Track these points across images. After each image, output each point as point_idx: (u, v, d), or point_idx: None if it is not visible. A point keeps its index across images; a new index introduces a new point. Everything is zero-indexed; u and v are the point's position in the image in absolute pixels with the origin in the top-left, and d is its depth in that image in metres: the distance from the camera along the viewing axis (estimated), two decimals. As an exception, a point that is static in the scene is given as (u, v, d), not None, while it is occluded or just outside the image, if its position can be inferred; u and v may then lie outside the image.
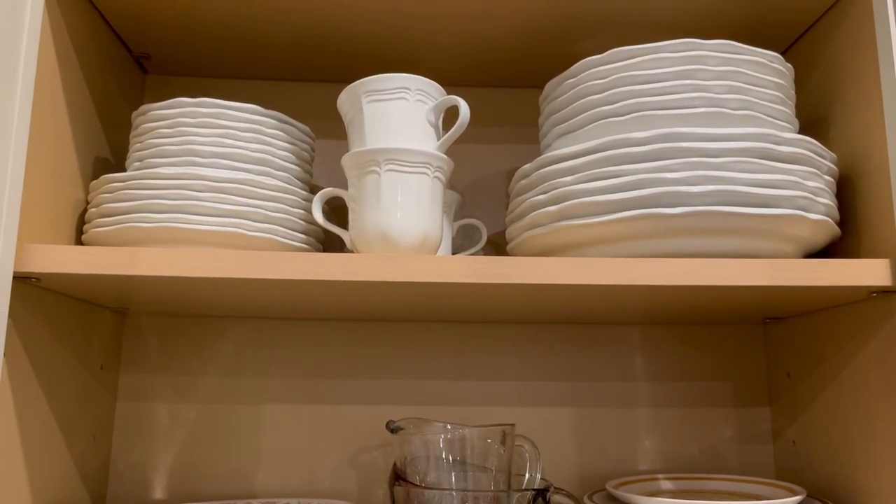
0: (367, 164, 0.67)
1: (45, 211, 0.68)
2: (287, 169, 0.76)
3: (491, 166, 0.98)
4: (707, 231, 0.63)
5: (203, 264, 0.60)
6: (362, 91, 0.69)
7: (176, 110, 0.73)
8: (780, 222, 0.63)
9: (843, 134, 0.75)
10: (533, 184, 0.71)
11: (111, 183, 0.71)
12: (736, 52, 0.67)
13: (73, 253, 0.61)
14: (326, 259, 0.61)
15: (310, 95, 0.98)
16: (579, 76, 0.71)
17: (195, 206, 0.68)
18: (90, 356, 0.81)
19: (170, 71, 0.96)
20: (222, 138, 0.72)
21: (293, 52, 0.90)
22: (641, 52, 0.68)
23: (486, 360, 0.93)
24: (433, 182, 0.68)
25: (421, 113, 0.69)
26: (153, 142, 0.73)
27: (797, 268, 0.62)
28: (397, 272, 0.61)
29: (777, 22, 0.82)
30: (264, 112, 0.75)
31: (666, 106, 0.66)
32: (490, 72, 0.95)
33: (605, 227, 0.64)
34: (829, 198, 0.67)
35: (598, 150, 0.66)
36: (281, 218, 0.72)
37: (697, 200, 0.62)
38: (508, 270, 0.61)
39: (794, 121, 0.71)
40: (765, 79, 0.68)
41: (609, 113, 0.68)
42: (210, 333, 0.92)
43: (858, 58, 0.73)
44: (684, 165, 0.63)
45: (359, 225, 0.67)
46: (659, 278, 0.61)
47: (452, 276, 0.61)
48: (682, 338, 0.94)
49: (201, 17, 0.81)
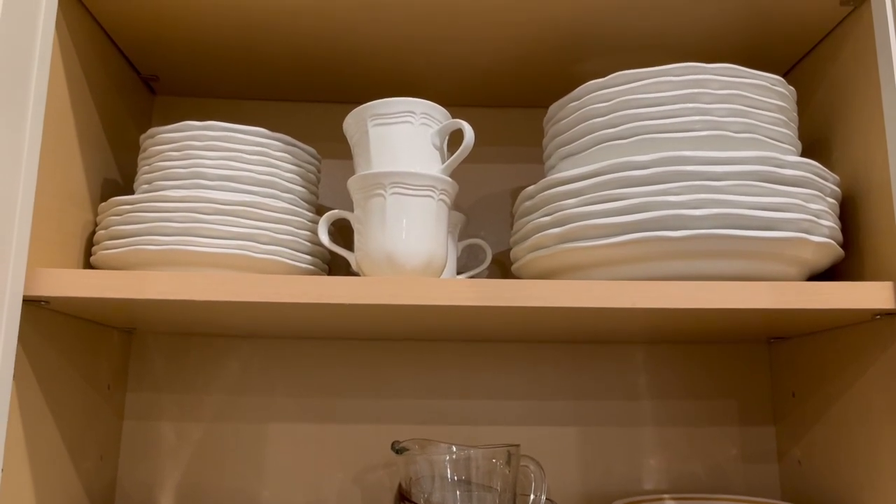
0: (373, 187, 0.67)
1: (54, 233, 0.69)
2: (293, 191, 0.77)
3: (495, 185, 0.98)
4: (710, 254, 0.63)
5: (211, 288, 0.61)
6: (368, 115, 0.70)
7: (183, 133, 0.74)
8: (783, 245, 0.63)
9: (846, 155, 0.76)
10: (537, 205, 0.72)
11: (120, 205, 0.72)
12: (738, 75, 0.68)
13: (82, 276, 0.61)
14: (333, 282, 0.62)
15: (315, 116, 0.99)
16: (582, 99, 0.72)
17: (203, 228, 0.69)
18: (97, 376, 0.81)
19: (177, 92, 0.97)
20: (229, 161, 0.73)
21: (299, 74, 0.91)
22: (644, 75, 0.69)
23: (491, 378, 0.93)
24: (438, 205, 0.68)
25: (426, 136, 0.70)
26: (161, 164, 0.74)
27: (800, 291, 0.62)
28: (403, 295, 0.61)
29: (779, 43, 0.83)
30: (271, 135, 0.76)
31: (668, 129, 0.67)
32: (494, 92, 0.96)
33: (608, 250, 0.65)
34: (832, 220, 0.67)
35: (601, 174, 0.66)
36: (287, 240, 0.72)
37: (700, 224, 0.62)
38: (512, 293, 0.62)
39: (797, 143, 0.71)
40: (767, 102, 0.69)
41: (612, 136, 0.69)
42: (216, 352, 0.92)
43: (860, 80, 0.73)
44: (687, 189, 0.63)
45: (364, 247, 0.68)
46: (661, 301, 0.62)
47: (457, 299, 0.61)
48: (686, 356, 0.94)
49: (209, 39, 0.82)
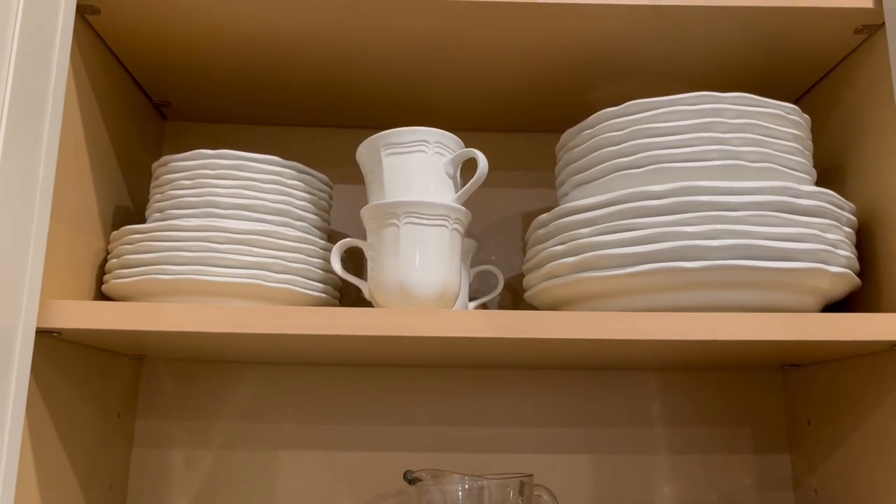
0: (387, 216, 0.67)
1: (67, 261, 0.69)
2: (306, 219, 0.77)
3: (506, 210, 0.98)
4: (726, 285, 0.63)
5: (224, 320, 0.61)
6: (381, 144, 0.70)
7: (196, 162, 0.74)
8: (800, 276, 0.63)
9: (862, 183, 0.75)
10: (550, 234, 0.71)
11: (132, 234, 0.71)
12: (753, 104, 0.68)
13: (94, 308, 0.61)
14: (346, 314, 0.61)
15: (327, 141, 0.99)
16: (596, 127, 0.72)
17: (215, 257, 0.68)
18: (107, 404, 0.81)
19: (189, 117, 0.97)
20: (242, 189, 0.73)
21: (310, 99, 0.91)
22: (658, 104, 0.68)
23: (504, 405, 0.92)
24: (452, 234, 0.68)
25: (439, 165, 0.69)
26: (173, 193, 0.74)
27: (816, 322, 0.62)
28: (416, 327, 0.61)
29: (792, 70, 0.83)
30: (284, 163, 0.76)
31: (683, 158, 0.66)
32: (506, 117, 0.96)
33: (624, 280, 0.64)
34: (849, 249, 0.67)
35: (616, 203, 0.66)
36: (300, 268, 0.72)
37: (716, 255, 0.62)
38: (526, 325, 0.61)
39: (812, 171, 0.71)
40: (782, 130, 0.68)
41: (626, 165, 0.69)
42: (226, 378, 0.92)
43: (875, 107, 0.73)
44: (703, 219, 0.63)
45: (377, 277, 0.67)
46: (677, 333, 0.61)
47: (471, 330, 0.61)
48: (700, 383, 0.93)
49: (220, 65, 0.83)
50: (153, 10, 0.71)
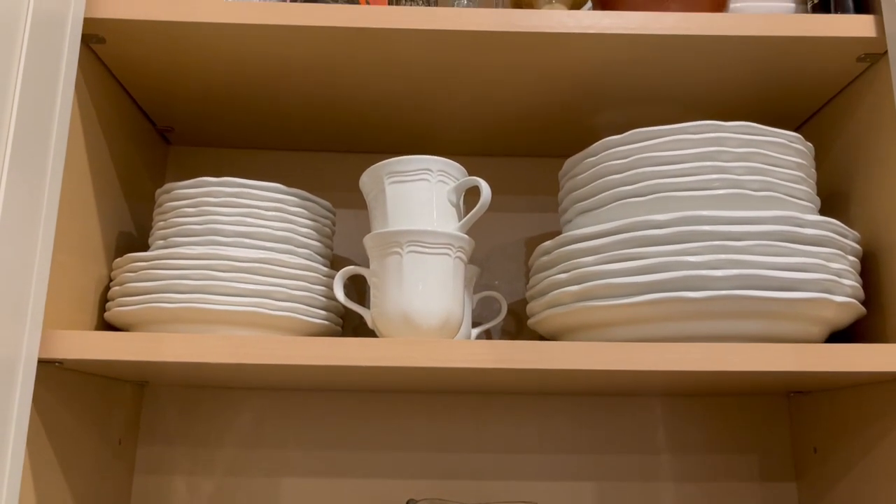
0: (390, 245, 0.67)
1: (69, 289, 0.69)
2: (309, 246, 0.77)
3: (510, 235, 0.98)
4: (731, 314, 0.63)
5: (226, 350, 0.61)
6: (385, 172, 0.70)
7: (199, 189, 0.74)
8: (805, 306, 0.62)
9: (865, 211, 0.75)
10: (554, 261, 0.71)
11: (135, 262, 0.71)
12: (756, 133, 0.68)
13: (96, 339, 0.61)
14: (349, 344, 0.61)
15: (330, 166, 0.99)
16: (599, 155, 0.72)
17: (218, 286, 0.68)
18: (109, 431, 0.81)
19: (193, 142, 0.98)
20: (245, 217, 0.73)
21: (313, 125, 0.92)
22: (661, 133, 0.68)
23: (507, 432, 0.92)
24: (455, 262, 0.68)
25: (442, 193, 0.69)
26: (177, 220, 0.74)
27: (822, 353, 0.61)
28: (420, 357, 0.61)
29: (794, 96, 0.83)
30: (286, 190, 0.76)
31: (687, 187, 0.66)
32: (509, 142, 0.96)
33: (628, 310, 0.64)
34: (854, 278, 0.66)
35: (620, 232, 0.66)
36: (302, 296, 0.72)
37: (720, 284, 0.62)
38: (530, 356, 0.61)
39: (816, 199, 0.71)
40: (786, 159, 0.68)
41: (630, 193, 0.68)
42: (228, 404, 0.91)
43: (878, 135, 0.73)
44: (706, 249, 0.62)
45: (380, 305, 0.67)
46: (681, 364, 0.61)
47: (475, 361, 0.61)
48: (704, 409, 0.92)
49: (223, 92, 0.83)
50: (157, 39, 0.71)
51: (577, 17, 0.69)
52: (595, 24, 0.69)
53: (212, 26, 0.69)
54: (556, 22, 0.69)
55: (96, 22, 0.68)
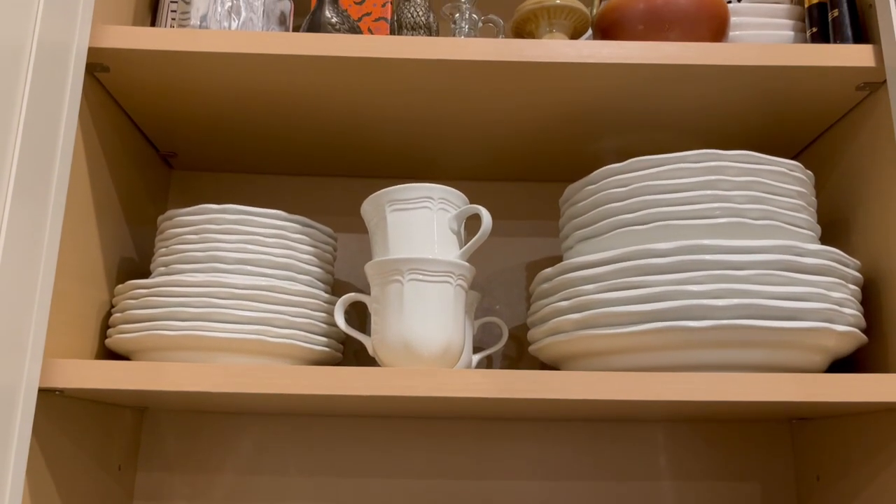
0: (391, 273, 0.67)
1: (70, 315, 0.69)
2: (310, 272, 0.77)
3: (511, 259, 0.98)
4: (732, 343, 0.62)
5: (227, 380, 0.60)
6: (386, 200, 0.70)
7: (201, 216, 0.74)
8: (807, 335, 0.62)
9: (866, 239, 0.75)
10: (555, 289, 0.71)
11: (136, 289, 0.71)
12: (756, 161, 0.68)
13: (96, 368, 0.61)
14: (348, 373, 0.61)
15: (332, 190, 1.00)
16: (599, 183, 0.72)
17: (219, 313, 0.68)
18: (108, 457, 0.80)
19: (195, 167, 0.98)
20: (247, 244, 0.73)
21: (315, 151, 0.92)
22: (661, 161, 0.69)
23: (508, 457, 0.91)
24: (456, 290, 0.68)
25: (444, 221, 0.70)
26: (178, 247, 0.74)
27: (824, 383, 0.61)
28: (420, 387, 0.61)
29: (794, 124, 0.83)
30: (288, 217, 0.76)
31: (687, 216, 0.67)
32: (510, 168, 0.96)
33: (630, 338, 0.64)
34: (855, 307, 0.66)
35: (621, 260, 0.66)
36: (303, 323, 0.72)
37: (722, 314, 0.62)
38: (530, 385, 0.61)
39: (816, 227, 0.71)
40: (786, 188, 0.68)
41: (630, 221, 0.69)
42: (229, 430, 0.91)
43: (878, 163, 0.73)
44: (708, 278, 0.62)
45: (381, 333, 0.67)
46: (684, 394, 0.61)
47: (475, 391, 0.61)
48: (706, 435, 0.92)
49: (226, 118, 0.83)
50: (160, 68, 0.72)
51: (577, 46, 0.70)
52: (595, 54, 0.70)
53: (214, 56, 0.70)
54: (556, 52, 0.70)
55: (100, 51, 0.69)
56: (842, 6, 0.74)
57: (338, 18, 0.74)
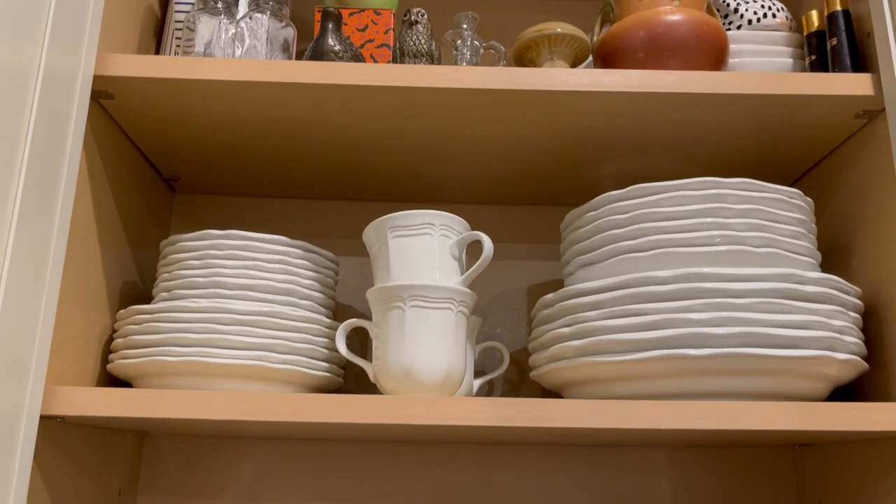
0: (392, 299, 0.67)
1: (73, 341, 0.69)
2: (312, 297, 0.77)
3: (512, 283, 0.98)
4: (733, 371, 0.62)
5: (227, 407, 0.61)
6: (388, 226, 0.70)
7: (204, 242, 0.74)
8: (808, 363, 0.62)
9: (866, 265, 0.75)
10: (556, 315, 0.71)
11: (138, 314, 0.72)
12: (756, 189, 0.68)
13: (98, 395, 0.61)
14: (349, 402, 0.61)
15: (334, 213, 1.00)
16: (600, 210, 0.72)
17: (221, 339, 0.69)
18: (109, 481, 0.80)
19: (198, 190, 0.98)
20: (249, 270, 0.73)
21: (317, 175, 0.92)
22: (662, 189, 0.69)
23: (508, 481, 0.91)
24: (457, 317, 0.68)
25: (445, 248, 0.70)
26: (181, 273, 0.74)
27: (826, 412, 0.61)
28: (421, 416, 0.61)
29: (793, 150, 0.83)
30: (290, 242, 0.76)
31: (688, 243, 0.67)
32: (510, 192, 0.97)
33: (630, 366, 0.64)
34: (856, 335, 0.66)
35: (621, 287, 0.66)
36: (305, 348, 0.72)
37: (722, 342, 0.62)
38: (532, 413, 0.61)
39: (817, 254, 0.71)
40: (786, 215, 0.69)
41: (631, 248, 0.69)
42: (230, 454, 0.91)
43: (878, 190, 0.73)
44: (708, 306, 0.63)
45: (382, 360, 0.67)
46: (684, 422, 0.61)
47: (476, 419, 0.61)
48: (708, 461, 0.91)
49: (228, 143, 0.84)
50: (164, 95, 0.73)
51: (578, 75, 0.71)
52: (596, 83, 0.70)
53: (217, 83, 0.70)
54: (557, 80, 0.70)
55: (106, 79, 0.70)
56: (840, 35, 0.75)
57: (340, 46, 0.75)
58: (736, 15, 0.85)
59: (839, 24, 0.75)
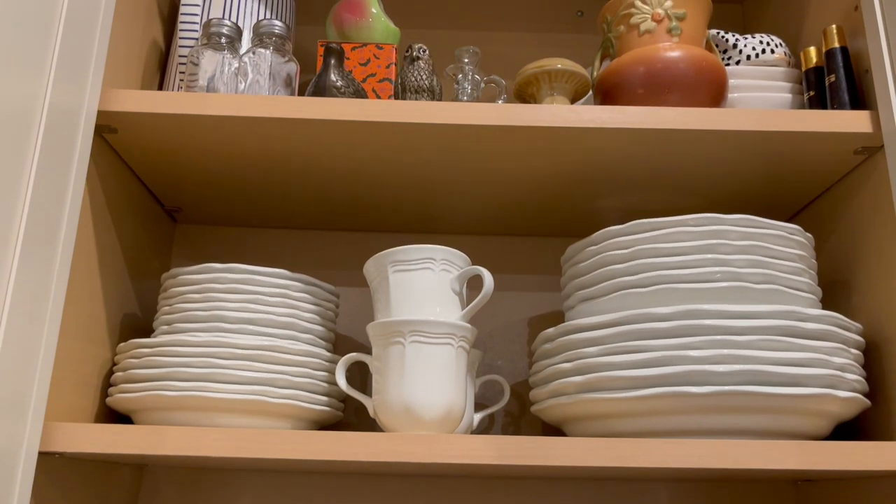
0: (392, 334, 0.67)
1: (73, 374, 0.69)
2: (312, 331, 0.77)
3: (513, 314, 0.98)
4: (734, 409, 0.62)
5: (227, 444, 0.60)
6: (388, 261, 0.70)
7: (205, 275, 0.74)
8: (809, 401, 0.62)
9: (867, 300, 0.75)
10: (556, 350, 0.71)
11: (138, 348, 0.72)
12: (756, 225, 0.69)
13: (97, 432, 0.61)
14: (349, 439, 0.61)
15: (335, 244, 1.00)
16: (601, 244, 0.72)
17: (221, 374, 0.68)
18: (106, 516, 0.80)
19: (199, 221, 0.99)
20: (250, 304, 0.74)
21: (317, 207, 0.93)
22: (663, 224, 0.69)
23: (509, 517, 0.90)
24: (457, 352, 0.68)
25: (445, 282, 0.70)
26: (182, 306, 0.74)
27: (828, 451, 0.61)
28: (422, 453, 0.60)
29: (792, 185, 0.84)
30: (291, 276, 0.76)
31: (688, 280, 0.67)
32: (511, 223, 0.97)
33: (631, 403, 0.64)
34: (858, 372, 0.66)
35: (622, 323, 0.66)
36: (304, 382, 0.72)
37: (723, 380, 0.62)
38: (534, 451, 0.61)
39: (817, 290, 0.71)
40: (786, 251, 0.69)
41: (631, 283, 0.69)
42: (229, 487, 0.90)
43: (878, 225, 0.73)
44: (708, 343, 0.63)
45: (382, 395, 0.67)
46: (688, 461, 0.60)
47: (477, 457, 0.60)
48: (711, 495, 0.91)
49: (231, 175, 0.84)
50: (167, 129, 0.73)
51: (579, 111, 0.71)
52: (596, 119, 0.71)
53: (220, 119, 0.71)
54: (557, 117, 0.71)
55: (109, 114, 0.70)
56: (838, 72, 0.75)
57: (343, 82, 0.75)
58: (735, 50, 0.85)
59: (837, 61, 0.76)
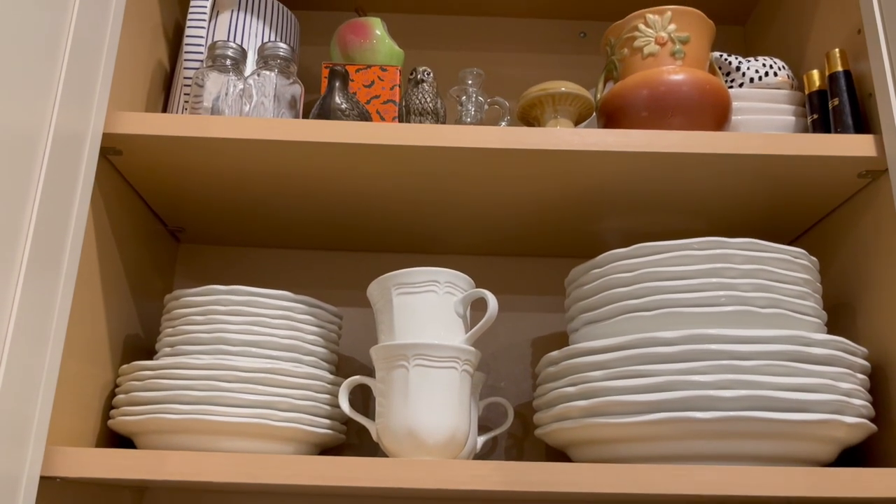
0: (396, 358, 0.67)
1: (74, 396, 0.69)
2: (315, 353, 0.76)
3: (516, 335, 0.98)
4: (740, 435, 0.62)
5: (229, 469, 0.60)
6: (392, 284, 0.70)
7: (208, 297, 0.74)
8: (816, 427, 0.61)
9: (872, 323, 0.75)
10: (561, 373, 0.71)
11: (141, 370, 0.71)
12: (761, 249, 0.68)
13: (98, 457, 0.60)
14: (352, 464, 0.60)
15: (338, 264, 1.00)
16: (605, 267, 0.72)
17: (223, 397, 0.68)
18: (107, 539, 0.79)
19: (202, 241, 0.99)
20: (253, 326, 0.73)
21: (320, 228, 0.93)
22: (667, 248, 0.69)
23: (512, 540, 0.89)
24: (461, 376, 0.68)
25: (449, 305, 0.70)
26: (185, 328, 0.74)
27: (835, 478, 0.60)
28: (426, 479, 0.60)
29: (796, 208, 0.84)
30: (295, 298, 0.76)
31: (693, 303, 0.67)
32: (514, 244, 0.97)
33: (635, 428, 0.63)
34: (864, 397, 0.66)
35: (627, 347, 0.66)
36: (307, 405, 0.71)
37: (728, 405, 0.61)
38: (539, 477, 0.60)
39: (823, 314, 0.71)
40: (791, 275, 0.69)
41: (636, 307, 0.69)
42: (229, 509, 0.89)
43: (882, 248, 0.73)
44: (714, 368, 0.62)
45: (386, 419, 0.67)
46: (691, 487, 0.60)
47: (483, 483, 0.60)
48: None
49: (234, 196, 0.84)
50: (171, 151, 0.73)
51: (582, 135, 0.71)
52: (599, 142, 0.71)
53: (223, 141, 0.71)
54: (562, 140, 0.71)
55: (114, 137, 0.70)
56: (842, 95, 0.76)
57: (347, 104, 0.76)
58: (738, 73, 0.85)
59: (840, 85, 0.76)
